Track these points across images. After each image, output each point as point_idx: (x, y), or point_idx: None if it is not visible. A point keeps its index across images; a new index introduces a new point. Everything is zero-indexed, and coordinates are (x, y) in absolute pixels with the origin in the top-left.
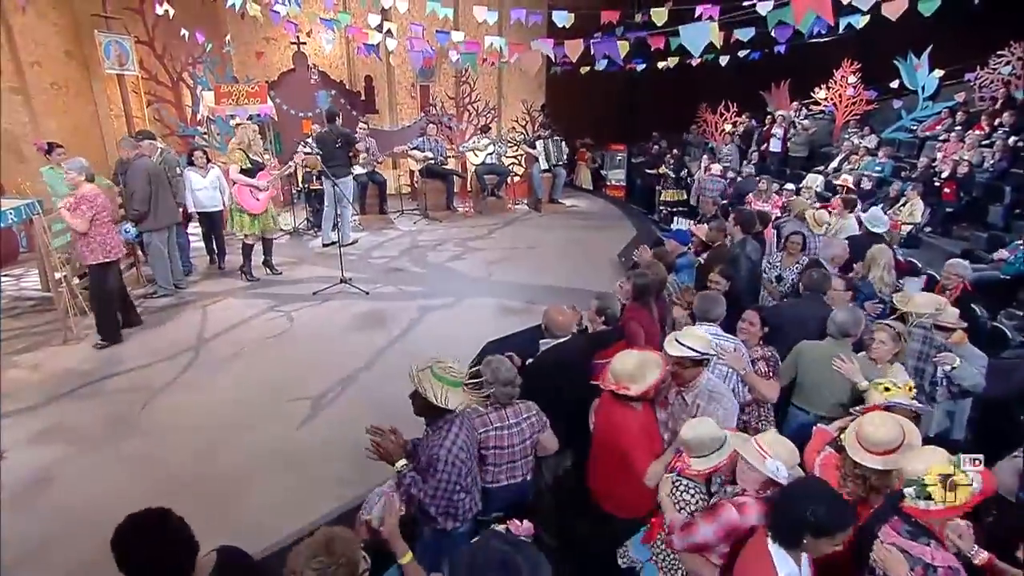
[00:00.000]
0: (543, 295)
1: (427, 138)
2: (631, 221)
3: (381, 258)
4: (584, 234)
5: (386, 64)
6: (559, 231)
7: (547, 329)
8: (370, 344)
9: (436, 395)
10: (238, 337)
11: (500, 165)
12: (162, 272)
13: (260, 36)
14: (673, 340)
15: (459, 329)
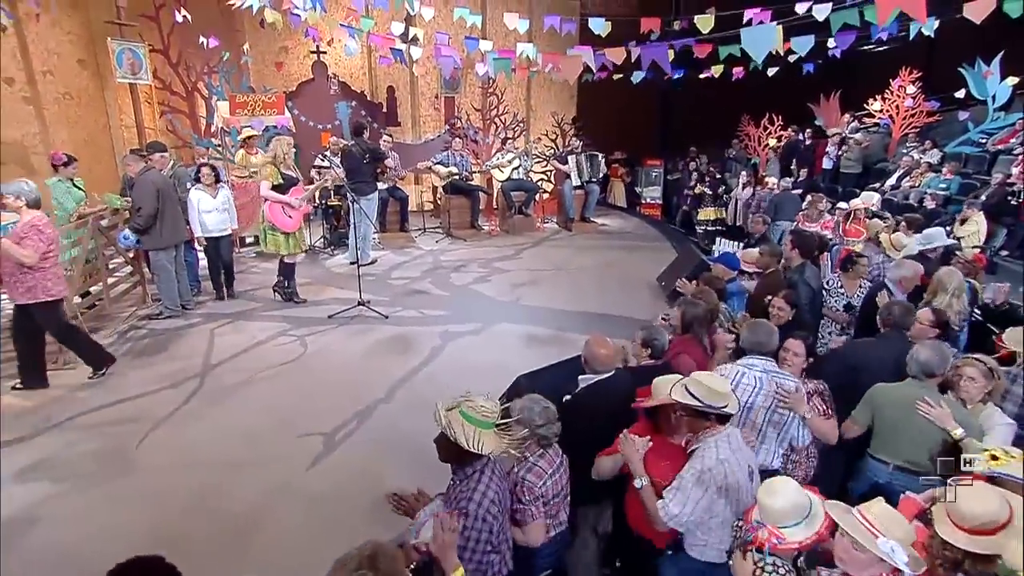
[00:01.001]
0: (575, 322)
1: (452, 152)
2: (670, 242)
3: (401, 279)
4: (619, 256)
5: (409, 74)
6: (592, 252)
7: (588, 363)
8: (389, 373)
9: (468, 439)
10: (247, 363)
11: (528, 181)
12: (168, 292)
13: (278, 45)
14: (682, 384)
15: (485, 358)
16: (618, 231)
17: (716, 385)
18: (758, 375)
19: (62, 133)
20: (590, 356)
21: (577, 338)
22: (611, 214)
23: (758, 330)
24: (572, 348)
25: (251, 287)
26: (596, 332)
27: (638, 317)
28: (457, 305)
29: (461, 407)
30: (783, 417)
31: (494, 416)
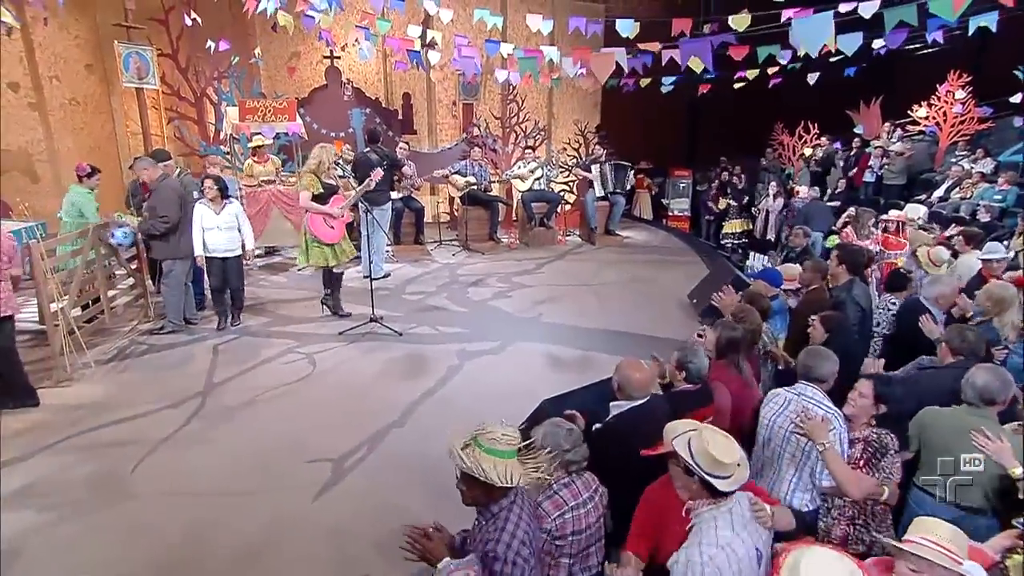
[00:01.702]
0: (601, 342)
1: (470, 162)
2: (700, 256)
3: (416, 294)
4: (646, 271)
5: (426, 80)
6: (617, 267)
7: (620, 388)
8: (402, 395)
9: (499, 474)
10: (252, 382)
11: (550, 191)
12: (175, 305)
13: (291, 50)
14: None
15: (505, 379)
16: (644, 245)
17: (720, 450)
18: (790, 396)
19: (67, 140)
20: (623, 380)
21: (604, 359)
22: (636, 227)
23: (813, 354)
24: (598, 369)
25: (258, 301)
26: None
27: (669, 337)
28: (475, 322)
29: (479, 441)
30: (802, 446)
31: (516, 442)
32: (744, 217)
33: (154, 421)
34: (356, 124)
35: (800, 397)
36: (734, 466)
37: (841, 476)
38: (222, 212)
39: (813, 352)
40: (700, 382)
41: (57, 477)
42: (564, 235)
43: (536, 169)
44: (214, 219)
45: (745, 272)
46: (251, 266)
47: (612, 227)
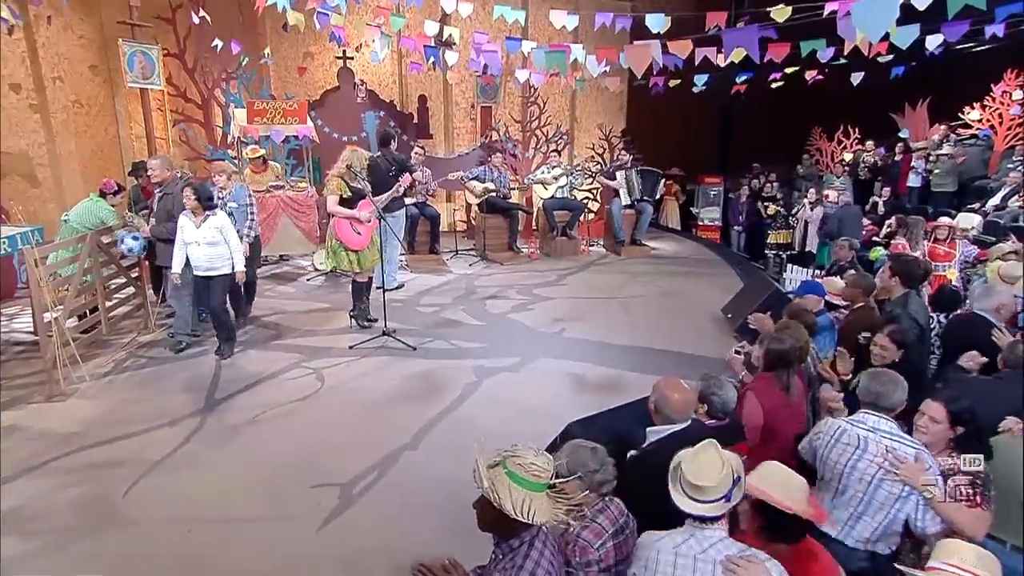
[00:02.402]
0: (630, 359)
1: (489, 167)
2: (734, 268)
3: (431, 306)
4: (676, 283)
5: (443, 82)
6: (645, 279)
7: (657, 411)
8: (416, 414)
9: (516, 505)
10: (256, 399)
11: (572, 199)
12: (185, 316)
13: (302, 51)
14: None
15: (527, 398)
16: (673, 256)
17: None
18: (863, 433)
19: (69, 143)
20: (661, 401)
21: (632, 378)
22: (664, 237)
23: (879, 379)
24: (627, 390)
25: (265, 312)
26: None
27: (703, 354)
28: (493, 337)
29: (506, 464)
30: (896, 492)
31: (547, 475)
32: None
33: (150, 440)
34: (369, 128)
35: (876, 434)
36: (708, 489)
37: (961, 521)
38: (203, 225)
39: (881, 376)
40: (726, 416)
41: (43, 501)
42: (588, 245)
43: (560, 175)
44: (194, 232)
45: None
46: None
47: (639, 237)
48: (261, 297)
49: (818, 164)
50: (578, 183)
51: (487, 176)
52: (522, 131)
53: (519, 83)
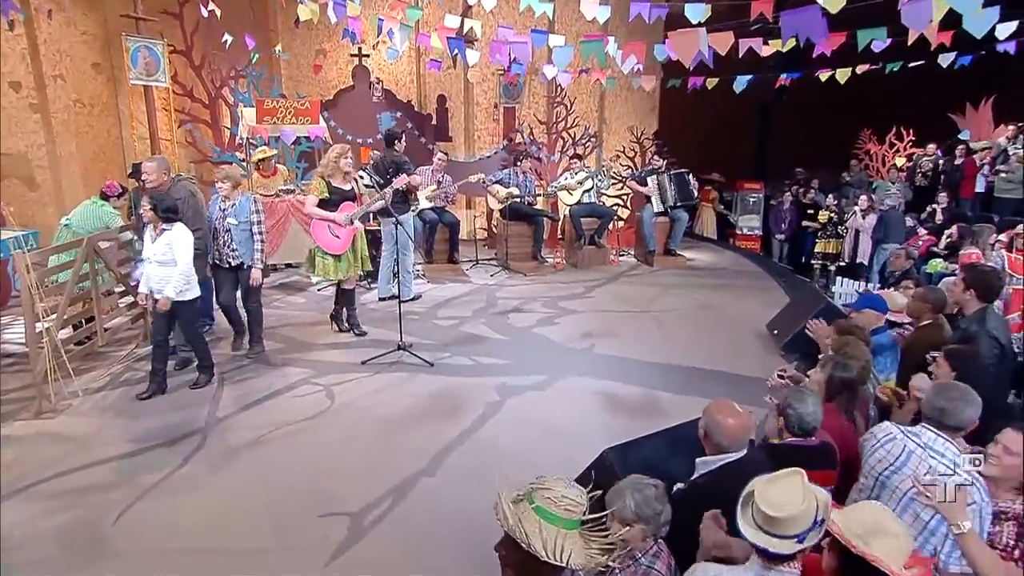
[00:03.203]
0: (666, 378)
1: (513, 171)
2: (778, 281)
3: (450, 319)
4: (714, 296)
5: (463, 81)
6: (680, 292)
7: (708, 437)
8: (433, 436)
9: (547, 545)
10: (260, 418)
11: (600, 205)
12: None
13: (315, 48)
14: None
15: (555, 420)
16: (710, 267)
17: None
18: (911, 447)
19: (70, 144)
20: (713, 427)
21: (669, 399)
22: (699, 246)
23: (946, 393)
24: (664, 411)
25: (272, 323)
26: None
27: (747, 374)
28: (517, 352)
29: (534, 498)
30: (924, 518)
31: (580, 509)
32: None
33: (145, 462)
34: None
35: (926, 451)
36: (789, 521)
37: (986, 570)
38: (158, 239)
39: (949, 391)
40: (808, 434)
41: (25, 529)
42: (617, 255)
43: (585, 180)
44: (149, 247)
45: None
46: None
47: (672, 246)
48: (268, 308)
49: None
50: (604, 186)
51: (511, 181)
52: (547, 133)
53: (545, 80)
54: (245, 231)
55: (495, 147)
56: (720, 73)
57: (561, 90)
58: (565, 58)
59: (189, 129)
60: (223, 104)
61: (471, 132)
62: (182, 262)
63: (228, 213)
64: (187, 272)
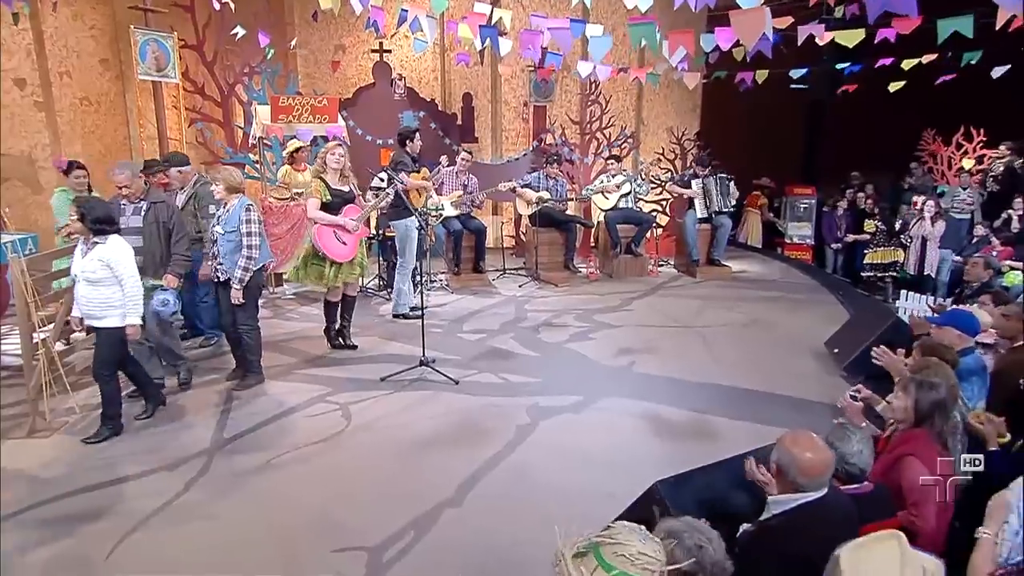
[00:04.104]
0: (715, 400)
1: (543, 174)
2: (834, 294)
3: (476, 333)
4: (766, 311)
5: (491, 78)
6: (727, 305)
7: (783, 475)
8: (460, 462)
9: None
10: (270, 439)
11: (638, 211)
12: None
13: (333, 43)
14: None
15: (592, 446)
16: (758, 278)
17: None
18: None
19: (76, 144)
20: (788, 463)
21: (721, 424)
22: (744, 256)
23: None
24: (715, 438)
25: (285, 336)
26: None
27: (805, 397)
28: (549, 370)
29: (601, 553)
30: None
31: (658, 566)
32: (895, 245)
33: (143, 488)
34: None
35: None
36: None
37: None
38: (89, 254)
39: None
40: (856, 479)
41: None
42: (656, 265)
43: (624, 183)
44: (77, 262)
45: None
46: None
47: (716, 256)
48: (281, 319)
49: (931, 173)
50: (643, 192)
51: (540, 185)
52: (580, 134)
53: (581, 77)
54: (232, 242)
55: (524, 149)
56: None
57: (596, 87)
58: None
59: (200, 128)
60: (236, 102)
61: (499, 132)
62: (128, 281)
63: (220, 220)
64: (135, 292)
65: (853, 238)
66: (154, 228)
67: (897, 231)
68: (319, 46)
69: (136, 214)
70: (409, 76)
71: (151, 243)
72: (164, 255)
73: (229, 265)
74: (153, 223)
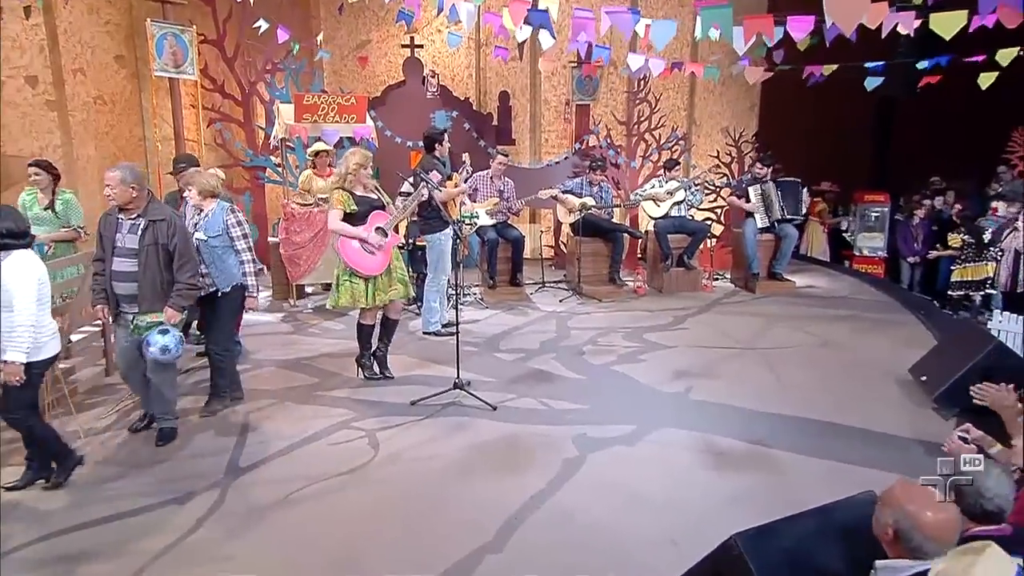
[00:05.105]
0: (786, 433)
1: (586, 180)
2: (915, 314)
3: (514, 353)
4: (838, 332)
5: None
6: (792, 325)
7: (900, 537)
8: (499, 500)
9: None
10: (290, 469)
11: (692, 220)
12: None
13: (360, 38)
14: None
15: (647, 484)
16: (826, 294)
17: None
18: None
19: (89, 146)
20: (909, 525)
21: (793, 460)
22: (808, 269)
23: None
24: (788, 477)
25: (307, 354)
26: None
27: (892, 432)
28: (597, 395)
29: None
30: None
31: None
32: (986, 259)
33: (150, 523)
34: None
35: None
36: None
37: None
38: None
39: None
40: (995, 519)
41: None
42: (710, 279)
43: (677, 190)
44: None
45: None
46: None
47: (778, 269)
48: (302, 334)
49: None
50: (697, 201)
51: (584, 191)
52: (627, 135)
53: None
54: (216, 247)
55: (564, 152)
56: (839, 59)
57: (645, 84)
58: (666, 35)
59: (219, 129)
60: (257, 101)
61: (538, 134)
62: (19, 307)
63: (199, 227)
64: (21, 325)
65: (936, 254)
66: (152, 251)
67: (987, 243)
68: (345, 41)
69: (132, 232)
70: (441, 73)
71: (149, 270)
72: (165, 284)
73: (216, 274)
74: (151, 245)
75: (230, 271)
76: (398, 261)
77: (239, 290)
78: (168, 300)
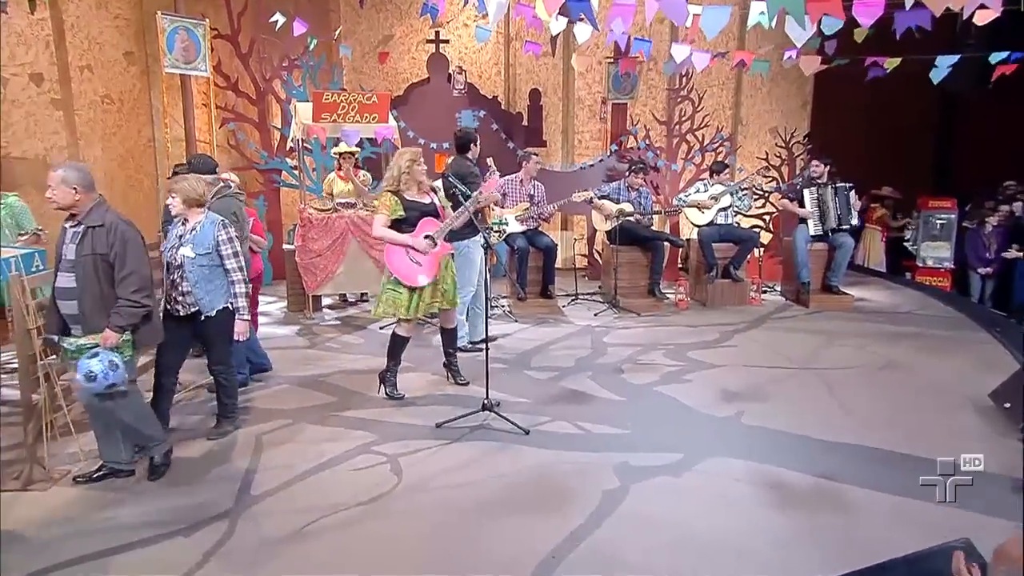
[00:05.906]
0: (850, 463)
1: (623, 183)
2: (991, 332)
3: (546, 371)
4: (903, 351)
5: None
6: (852, 343)
7: None
8: (533, 537)
9: None
10: (306, 498)
11: (738, 227)
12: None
13: (382, 33)
14: None
15: (697, 520)
16: (887, 309)
17: None
18: None
19: (95, 147)
20: None
21: (860, 496)
22: (866, 282)
23: None
24: (856, 515)
25: (323, 371)
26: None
27: (973, 467)
28: (638, 419)
29: None
30: None
31: None
32: None
33: (154, 557)
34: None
35: None
36: None
37: None
38: None
39: None
40: None
41: None
42: (759, 291)
43: (723, 195)
44: None
45: None
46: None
47: (834, 281)
48: (320, 349)
49: None
50: (745, 207)
51: (621, 196)
52: (668, 135)
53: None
54: (204, 267)
55: (600, 154)
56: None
57: (688, 80)
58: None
59: (232, 129)
60: (273, 99)
61: (571, 135)
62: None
63: (185, 241)
64: None
65: (1014, 254)
66: (89, 262)
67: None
68: (365, 36)
69: (72, 241)
70: (468, 70)
71: (86, 284)
72: (109, 301)
73: (200, 295)
74: (88, 255)
75: (216, 293)
76: (447, 271)
77: (226, 314)
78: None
